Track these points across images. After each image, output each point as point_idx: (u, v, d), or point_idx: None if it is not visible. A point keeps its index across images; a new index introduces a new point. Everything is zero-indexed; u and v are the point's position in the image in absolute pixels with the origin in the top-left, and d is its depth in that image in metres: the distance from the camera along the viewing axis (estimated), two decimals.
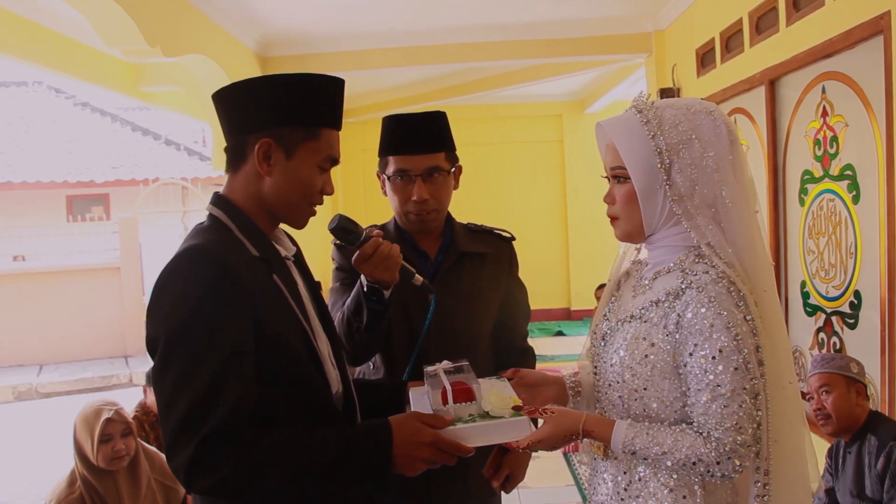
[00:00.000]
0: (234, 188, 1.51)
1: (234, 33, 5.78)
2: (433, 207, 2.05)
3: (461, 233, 2.16)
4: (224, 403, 1.29)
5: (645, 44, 6.37)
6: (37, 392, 8.37)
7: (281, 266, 1.50)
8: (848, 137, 3.45)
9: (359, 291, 1.85)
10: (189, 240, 1.44)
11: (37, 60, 5.16)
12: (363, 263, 1.77)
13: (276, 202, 1.49)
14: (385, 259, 1.77)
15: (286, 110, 1.46)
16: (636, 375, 1.45)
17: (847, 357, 2.77)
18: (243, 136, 1.47)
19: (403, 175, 2.02)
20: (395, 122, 2.06)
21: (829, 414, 2.64)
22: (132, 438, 2.79)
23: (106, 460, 2.70)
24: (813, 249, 3.82)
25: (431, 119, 2.06)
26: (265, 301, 1.39)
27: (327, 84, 1.51)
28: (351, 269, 1.95)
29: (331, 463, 1.36)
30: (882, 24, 3.07)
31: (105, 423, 2.71)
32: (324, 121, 1.50)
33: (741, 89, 4.57)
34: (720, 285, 1.39)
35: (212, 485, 1.31)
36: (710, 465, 1.35)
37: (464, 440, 1.44)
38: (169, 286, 1.36)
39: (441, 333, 1.96)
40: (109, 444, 2.71)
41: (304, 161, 1.48)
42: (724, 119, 1.48)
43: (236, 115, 1.49)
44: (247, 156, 1.47)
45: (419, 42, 6.52)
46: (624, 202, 1.51)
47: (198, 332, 1.32)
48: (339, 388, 1.56)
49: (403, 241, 2.07)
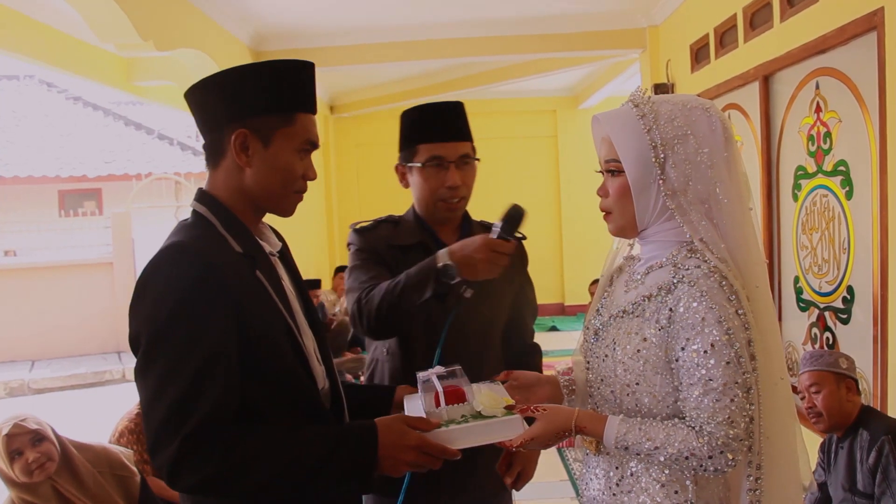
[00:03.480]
0: (216, 183, 1.50)
1: (228, 27, 5.76)
2: (463, 195, 2.07)
3: (476, 228, 2.17)
4: (207, 401, 1.29)
5: (639, 39, 6.37)
6: (29, 388, 8.34)
7: (265, 262, 1.50)
8: (841, 133, 3.46)
9: (432, 269, 1.79)
10: (172, 237, 1.44)
11: (29, 54, 5.13)
12: (490, 253, 1.75)
13: (260, 192, 1.48)
14: (501, 261, 1.77)
15: (258, 99, 1.44)
16: (628, 370, 1.46)
17: (836, 353, 2.77)
18: (219, 130, 1.46)
19: (438, 162, 2.03)
20: (426, 111, 2.07)
21: (820, 412, 2.64)
22: (48, 443, 2.66)
23: (26, 474, 2.60)
24: (806, 245, 3.83)
25: (458, 108, 2.09)
26: (248, 298, 1.38)
27: (296, 68, 1.49)
28: (372, 250, 2.00)
29: (315, 462, 1.35)
30: (875, 21, 3.08)
31: (7, 440, 2.59)
32: (297, 105, 1.48)
33: (735, 85, 4.57)
34: (712, 280, 1.39)
35: (196, 483, 1.30)
36: (702, 459, 1.35)
37: (455, 441, 1.45)
38: (151, 284, 1.36)
39: (460, 328, 1.93)
40: (22, 457, 2.60)
41: (282, 148, 1.46)
42: (720, 116, 1.48)
43: (209, 109, 1.48)
44: (224, 149, 1.46)
45: (413, 37, 6.51)
46: (617, 196, 1.51)
47: (179, 331, 1.31)
48: (326, 384, 1.56)
49: (424, 233, 2.08)
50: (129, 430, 3.50)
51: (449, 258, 1.77)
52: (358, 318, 1.90)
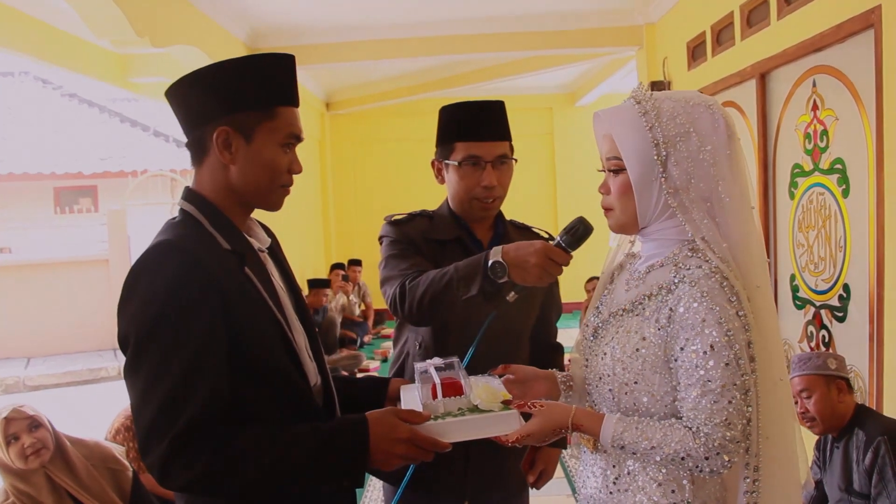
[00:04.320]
0: (202, 181, 1.49)
1: (224, 24, 5.75)
2: (499, 195, 2.07)
3: (510, 227, 2.18)
4: (196, 400, 1.29)
5: (636, 36, 6.37)
6: (24, 385, 8.31)
7: (254, 259, 1.49)
8: (838, 131, 3.46)
9: (481, 265, 1.76)
10: (159, 235, 1.43)
11: (24, 51, 5.11)
12: (545, 260, 1.70)
13: (245, 189, 1.47)
14: (555, 271, 1.73)
15: (238, 95, 1.43)
16: (627, 369, 1.45)
17: (824, 354, 2.74)
18: (201, 127, 1.45)
19: (475, 162, 2.03)
20: (464, 109, 2.06)
21: (813, 416, 2.63)
22: (44, 430, 2.74)
23: (21, 459, 2.66)
24: (802, 243, 3.83)
25: (498, 107, 2.07)
26: (237, 295, 1.38)
27: (276, 61, 1.48)
28: (409, 241, 2.02)
29: (307, 458, 1.35)
30: (872, 19, 3.08)
31: (5, 424, 2.66)
32: (278, 99, 1.46)
33: (732, 82, 4.57)
34: (713, 280, 1.39)
35: (187, 481, 1.30)
36: (698, 460, 1.35)
37: (451, 434, 1.44)
38: (138, 283, 1.35)
39: (495, 327, 1.91)
40: (18, 442, 2.67)
41: (265, 143, 1.45)
42: (723, 114, 1.47)
43: (190, 107, 1.47)
44: (207, 147, 1.45)
45: (409, 34, 6.50)
46: (619, 193, 1.50)
47: (167, 329, 1.31)
48: (318, 380, 1.56)
49: (460, 229, 2.09)
50: (126, 427, 3.50)
51: (501, 257, 1.73)
52: (399, 304, 1.88)
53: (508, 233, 2.14)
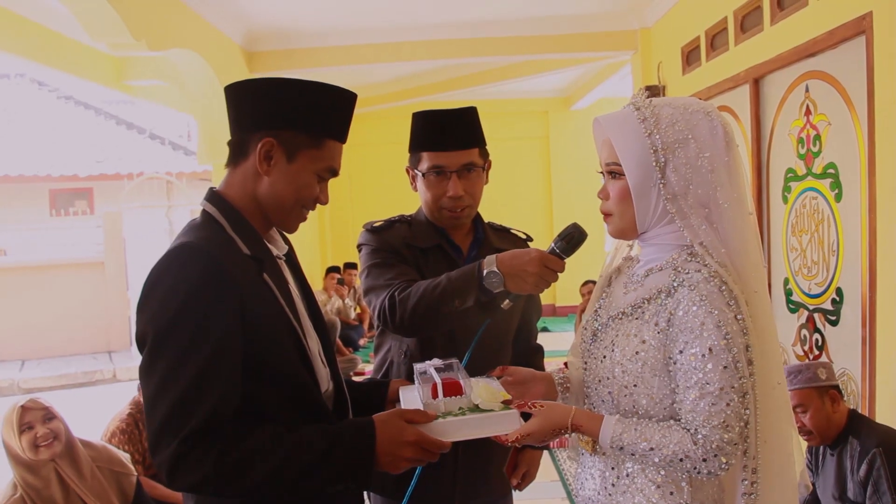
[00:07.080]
0: (232, 184, 1.52)
1: (221, 28, 5.76)
2: (467, 203, 2.03)
3: (489, 230, 2.16)
4: (208, 401, 1.31)
5: (631, 41, 6.40)
6: (19, 387, 8.28)
7: (272, 265, 1.51)
8: (831, 136, 3.49)
9: (476, 275, 1.74)
10: (181, 237, 1.45)
11: (20, 53, 5.11)
12: (542, 268, 1.70)
13: (270, 203, 1.50)
14: (551, 279, 1.72)
15: (294, 114, 1.46)
16: (626, 372, 1.46)
17: (813, 364, 2.73)
18: (248, 132, 1.48)
19: (439, 171, 2.01)
20: (429, 118, 2.03)
21: (810, 430, 2.63)
22: (58, 422, 2.81)
23: (32, 448, 2.72)
24: (796, 247, 3.86)
25: (465, 115, 2.04)
26: (254, 299, 1.40)
27: (340, 97, 1.52)
28: (391, 248, 2.00)
29: (313, 460, 1.36)
30: (864, 25, 3.11)
31: (21, 412, 2.75)
32: (330, 132, 1.51)
33: (726, 87, 4.60)
34: (712, 284, 1.40)
35: (195, 481, 1.32)
36: (696, 462, 1.36)
37: (452, 433, 1.45)
38: (158, 283, 1.37)
39: (485, 332, 1.90)
40: (32, 431, 2.74)
41: (304, 167, 1.48)
42: (722, 121, 1.49)
43: (245, 110, 1.50)
44: (248, 152, 1.48)
45: (405, 38, 6.52)
46: (618, 199, 1.51)
47: (184, 330, 1.33)
48: (330, 386, 1.57)
49: (438, 236, 2.07)
50: (121, 430, 3.51)
51: (497, 267, 1.71)
52: (389, 316, 1.85)
53: (488, 237, 2.12)
